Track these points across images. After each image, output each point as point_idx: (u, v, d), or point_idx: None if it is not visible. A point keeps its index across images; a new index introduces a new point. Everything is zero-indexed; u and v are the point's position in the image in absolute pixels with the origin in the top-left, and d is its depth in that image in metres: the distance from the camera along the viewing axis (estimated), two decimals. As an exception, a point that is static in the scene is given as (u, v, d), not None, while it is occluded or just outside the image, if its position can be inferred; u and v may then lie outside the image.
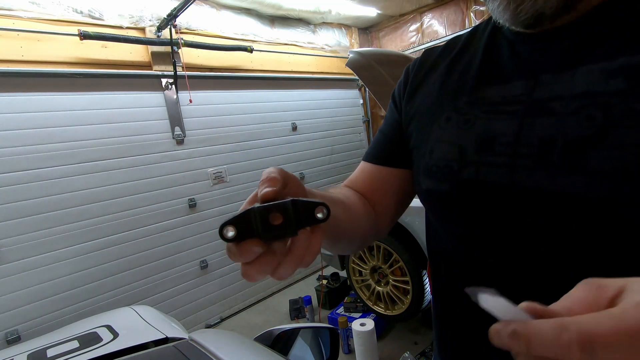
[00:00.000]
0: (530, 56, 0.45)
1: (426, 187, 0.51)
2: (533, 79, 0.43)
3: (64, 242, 2.29)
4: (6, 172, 2.10)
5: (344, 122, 4.13)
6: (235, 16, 3.16)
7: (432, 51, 0.60)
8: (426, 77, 0.58)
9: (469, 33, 0.56)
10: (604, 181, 0.35)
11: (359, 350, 2.03)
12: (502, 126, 0.44)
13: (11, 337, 2.09)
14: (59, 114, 2.28)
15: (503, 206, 0.42)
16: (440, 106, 0.52)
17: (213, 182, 3.01)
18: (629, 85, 0.35)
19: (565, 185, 0.37)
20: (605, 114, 0.36)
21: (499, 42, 0.50)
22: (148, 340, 1.16)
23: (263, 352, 1.00)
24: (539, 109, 0.41)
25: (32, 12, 2.18)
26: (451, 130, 0.49)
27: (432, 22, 3.82)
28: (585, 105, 0.37)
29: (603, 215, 0.35)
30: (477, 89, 0.49)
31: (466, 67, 0.52)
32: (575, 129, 0.37)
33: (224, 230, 0.31)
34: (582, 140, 0.37)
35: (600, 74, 0.37)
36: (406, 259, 2.23)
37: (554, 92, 0.41)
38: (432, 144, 0.51)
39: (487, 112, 0.46)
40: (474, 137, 0.46)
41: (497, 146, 0.44)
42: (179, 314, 2.76)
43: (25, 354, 1.18)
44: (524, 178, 0.41)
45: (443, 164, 0.49)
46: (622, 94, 0.35)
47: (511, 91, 0.45)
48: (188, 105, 2.78)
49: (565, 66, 0.41)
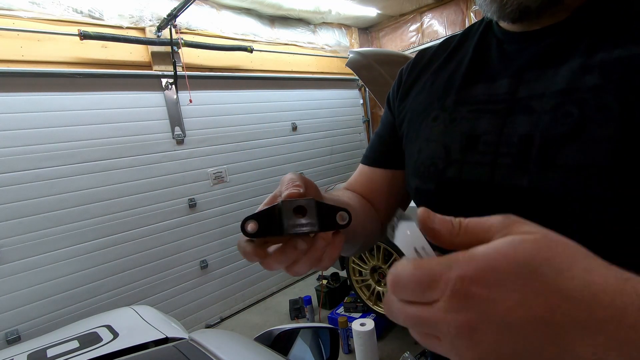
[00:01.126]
0: (517, 55, 0.45)
1: (414, 185, 0.51)
2: (517, 77, 0.43)
3: (64, 242, 2.29)
4: (6, 172, 2.10)
5: (344, 122, 4.13)
6: (235, 16, 3.16)
7: (426, 52, 0.61)
8: (419, 77, 0.58)
9: (463, 33, 0.56)
10: (578, 177, 0.35)
11: (359, 350, 2.03)
12: (485, 125, 0.44)
13: (11, 337, 2.09)
14: (59, 114, 2.28)
15: (485, 205, 0.42)
16: (429, 105, 0.53)
17: (213, 182, 3.01)
18: (602, 80, 0.35)
19: (542, 183, 0.37)
20: (580, 110, 0.36)
21: (488, 41, 0.50)
22: (148, 340, 1.16)
23: (263, 352, 1.00)
24: (520, 107, 0.41)
25: (32, 12, 2.18)
26: (438, 129, 0.49)
27: (432, 22, 3.82)
28: (563, 102, 0.38)
29: (578, 212, 0.35)
30: (464, 88, 0.49)
31: (456, 66, 0.52)
32: (553, 125, 0.37)
33: (246, 224, 0.31)
34: (558, 137, 0.37)
35: (579, 70, 0.38)
36: (406, 259, 2.23)
37: (536, 90, 0.41)
38: (421, 143, 0.51)
39: (472, 111, 0.46)
40: (459, 136, 0.46)
41: (480, 145, 0.44)
42: (179, 314, 2.76)
43: (25, 354, 1.18)
44: (505, 176, 0.41)
45: (429, 162, 0.49)
46: (596, 89, 0.35)
47: (496, 90, 0.45)
48: (188, 105, 2.78)
49: (549, 64, 0.41)
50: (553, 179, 0.37)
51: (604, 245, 0.34)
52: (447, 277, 0.21)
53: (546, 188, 0.37)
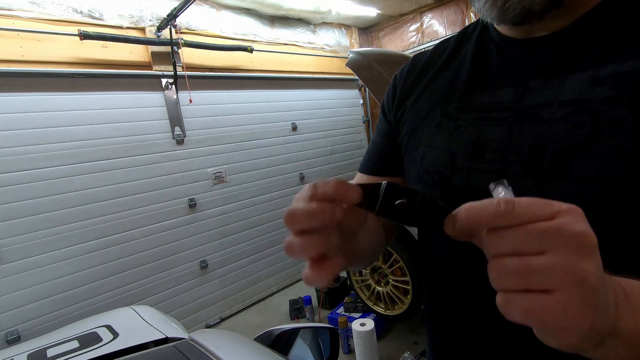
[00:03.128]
0: (519, 62, 0.45)
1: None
2: (522, 85, 0.43)
3: (64, 242, 2.29)
4: (6, 172, 2.10)
5: (344, 122, 4.13)
6: (235, 16, 3.16)
7: (420, 57, 0.60)
8: (415, 83, 0.57)
9: (458, 36, 0.56)
10: (593, 188, 0.35)
11: (359, 350, 2.03)
12: (492, 133, 0.44)
13: (11, 337, 2.09)
14: (59, 114, 2.28)
15: None
16: (431, 112, 0.52)
17: (213, 182, 3.00)
18: (615, 92, 0.35)
19: (554, 192, 0.37)
20: (593, 121, 0.36)
21: (487, 46, 0.50)
22: (148, 340, 1.16)
23: (263, 352, 1.00)
24: (527, 115, 0.41)
25: (32, 12, 2.18)
26: (442, 136, 0.49)
27: (432, 22, 3.82)
28: (574, 112, 0.37)
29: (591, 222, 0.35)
30: (467, 94, 0.49)
31: (456, 72, 0.52)
32: (564, 136, 0.38)
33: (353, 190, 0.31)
34: (571, 147, 0.37)
35: (588, 81, 0.38)
36: (406, 259, 2.23)
37: (543, 99, 0.41)
38: (423, 150, 0.51)
39: (477, 119, 0.46)
40: (464, 144, 0.46)
41: (487, 153, 0.44)
42: (179, 314, 2.76)
43: (25, 354, 1.18)
44: (515, 185, 0.41)
45: (434, 169, 0.49)
46: (608, 101, 0.36)
47: (501, 97, 0.45)
48: (188, 105, 2.78)
49: (554, 73, 0.41)
50: (567, 189, 0.37)
51: (618, 255, 0.34)
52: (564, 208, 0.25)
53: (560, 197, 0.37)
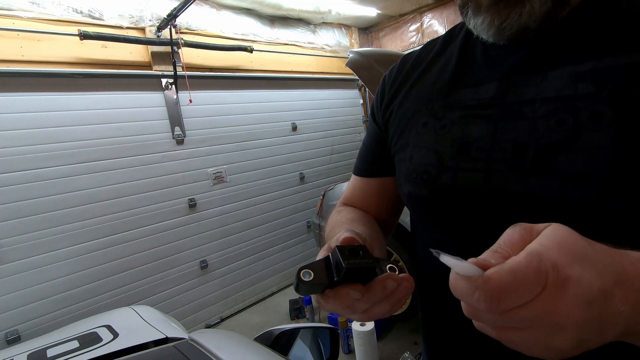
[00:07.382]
0: (502, 58, 0.45)
1: (408, 191, 0.52)
2: (505, 81, 0.43)
3: (64, 242, 2.29)
4: (6, 172, 2.10)
5: (344, 122, 4.13)
6: (235, 16, 3.16)
7: (409, 57, 0.60)
8: (403, 83, 0.58)
9: (445, 36, 0.56)
10: (575, 184, 0.35)
11: (359, 350, 2.03)
12: (477, 131, 0.44)
13: (11, 337, 2.09)
14: (59, 114, 2.28)
15: (480, 210, 0.43)
16: (417, 111, 0.53)
17: (213, 182, 3.01)
18: (595, 89, 0.36)
19: (537, 189, 0.38)
20: (574, 118, 0.36)
21: (473, 44, 0.50)
22: (148, 340, 1.16)
23: (263, 352, 1.00)
24: (511, 112, 0.42)
25: (32, 12, 2.18)
26: (428, 135, 0.49)
27: (432, 22, 3.82)
28: (555, 110, 0.38)
29: (575, 218, 0.35)
30: (451, 92, 0.49)
31: (442, 70, 0.52)
32: (546, 133, 0.38)
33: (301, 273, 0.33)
34: (553, 144, 0.37)
35: (569, 77, 0.38)
36: (406, 259, 2.23)
37: (525, 96, 0.41)
38: (411, 150, 0.52)
39: (462, 117, 0.46)
40: (450, 142, 0.46)
41: (473, 151, 0.44)
42: (179, 314, 2.76)
43: (25, 354, 1.18)
44: (500, 182, 0.41)
45: (422, 169, 0.49)
46: (589, 98, 0.36)
47: (484, 94, 0.45)
48: (188, 105, 2.78)
49: (536, 69, 0.41)
50: (550, 185, 0.37)
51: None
52: (545, 268, 0.22)
53: (542, 194, 0.38)
